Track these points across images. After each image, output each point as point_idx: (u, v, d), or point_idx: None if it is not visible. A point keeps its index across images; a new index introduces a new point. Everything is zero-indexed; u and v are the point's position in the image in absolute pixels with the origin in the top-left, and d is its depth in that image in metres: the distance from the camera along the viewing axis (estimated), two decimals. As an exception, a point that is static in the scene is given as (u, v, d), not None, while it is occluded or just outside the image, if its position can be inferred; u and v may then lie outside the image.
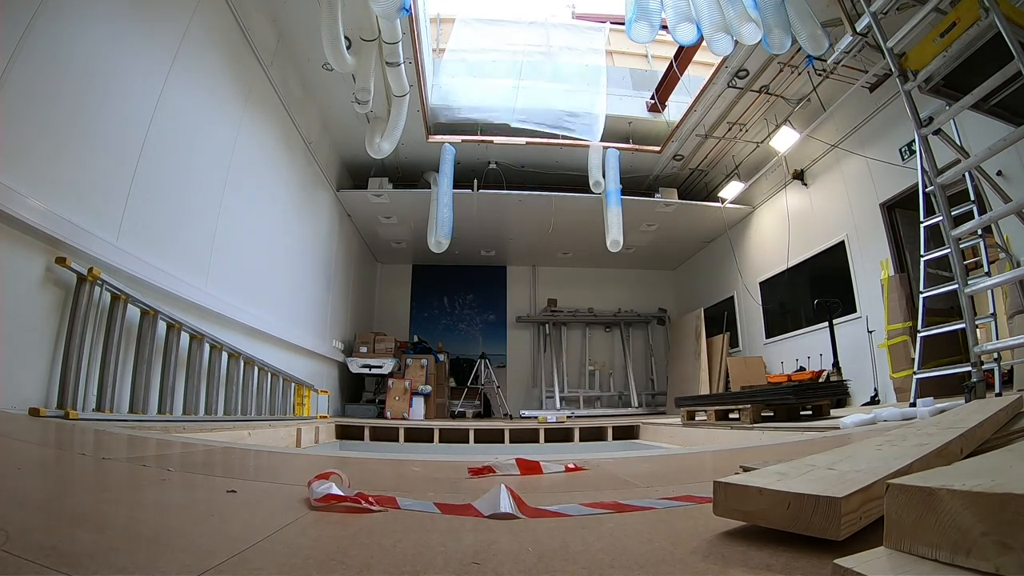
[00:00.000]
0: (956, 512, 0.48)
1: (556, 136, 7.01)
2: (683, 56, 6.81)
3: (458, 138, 7.00)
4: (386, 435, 6.20)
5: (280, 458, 2.19)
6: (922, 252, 3.62)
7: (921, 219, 3.72)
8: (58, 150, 2.57)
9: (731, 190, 7.55)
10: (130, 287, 2.96)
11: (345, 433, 6.16)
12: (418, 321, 10.04)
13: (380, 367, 7.71)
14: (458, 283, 10.29)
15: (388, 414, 7.25)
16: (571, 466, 1.73)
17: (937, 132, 3.32)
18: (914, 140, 3.84)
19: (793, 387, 4.53)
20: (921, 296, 3.52)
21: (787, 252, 6.97)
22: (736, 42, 4.65)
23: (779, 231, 7.23)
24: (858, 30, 4.29)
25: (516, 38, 8.29)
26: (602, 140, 6.96)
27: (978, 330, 3.23)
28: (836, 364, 5.72)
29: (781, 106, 6.17)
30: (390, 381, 7.55)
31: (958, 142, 3.54)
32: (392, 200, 7.57)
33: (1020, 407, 1.93)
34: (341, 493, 1.00)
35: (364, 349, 7.92)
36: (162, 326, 3.32)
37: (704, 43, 4.71)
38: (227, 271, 4.25)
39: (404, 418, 7.15)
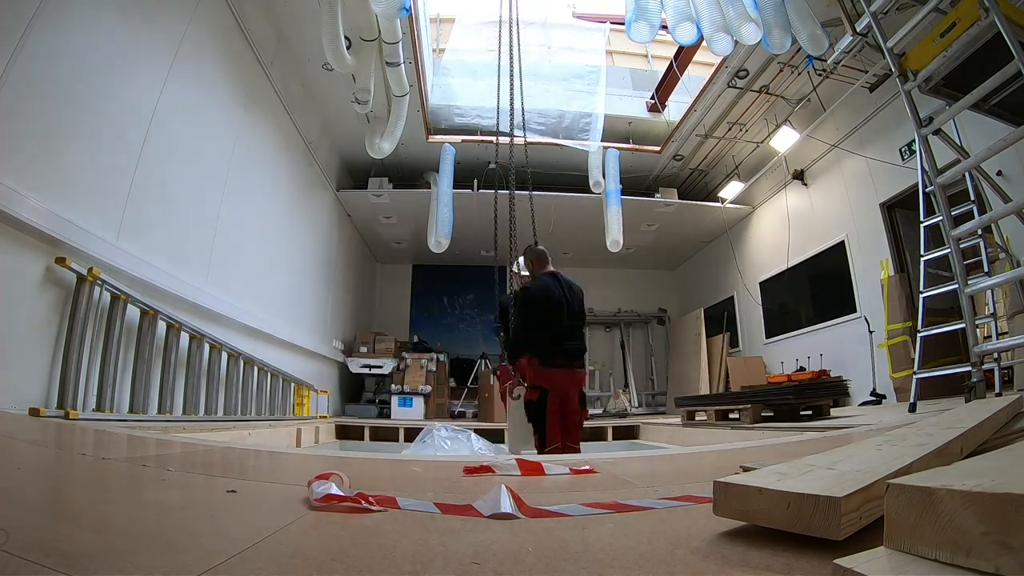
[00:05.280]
0: (956, 512, 0.47)
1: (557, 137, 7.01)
2: (683, 56, 6.80)
3: (458, 138, 7.00)
4: (386, 435, 6.21)
5: (280, 458, 2.19)
6: (922, 252, 3.61)
7: (921, 219, 3.71)
8: (58, 150, 2.57)
9: (731, 190, 7.55)
10: (130, 287, 2.96)
11: (345, 433, 6.17)
12: (418, 321, 10.03)
13: (380, 367, 7.71)
14: (458, 283, 10.28)
15: (406, 387, 7.38)
16: (577, 469, 1.61)
17: (937, 132, 3.31)
18: (914, 140, 3.83)
19: (793, 387, 4.53)
20: (921, 296, 3.51)
21: (787, 252, 6.97)
22: (736, 42, 4.65)
23: (779, 231, 7.23)
24: (858, 30, 4.29)
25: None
26: (602, 140, 6.96)
27: (978, 330, 3.22)
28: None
29: (781, 106, 6.17)
30: (408, 359, 7.73)
31: (958, 142, 3.54)
32: (392, 200, 7.56)
33: (1020, 407, 1.93)
34: (341, 493, 1.00)
35: (364, 349, 7.92)
36: (162, 326, 3.31)
37: (704, 43, 4.71)
38: (227, 271, 4.25)
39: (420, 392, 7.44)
